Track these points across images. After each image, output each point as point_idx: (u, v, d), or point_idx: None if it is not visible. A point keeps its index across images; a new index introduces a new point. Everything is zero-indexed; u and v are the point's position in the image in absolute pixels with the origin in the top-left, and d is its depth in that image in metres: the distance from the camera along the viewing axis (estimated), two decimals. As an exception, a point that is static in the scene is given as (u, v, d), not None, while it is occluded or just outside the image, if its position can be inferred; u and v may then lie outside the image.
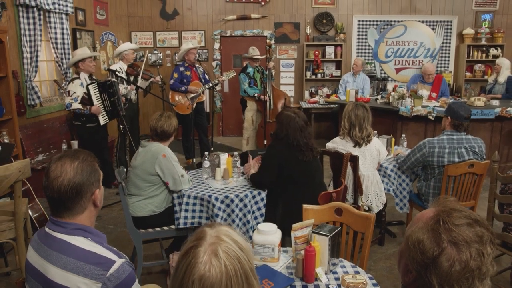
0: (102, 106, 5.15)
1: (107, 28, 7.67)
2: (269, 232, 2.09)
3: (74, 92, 4.98)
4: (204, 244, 1.07)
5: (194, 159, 6.50)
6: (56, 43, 5.88)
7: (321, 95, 8.12)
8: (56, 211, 1.57)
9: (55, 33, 5.83)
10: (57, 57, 5.95)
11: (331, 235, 2.01)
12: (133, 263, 3.51)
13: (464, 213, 1.10)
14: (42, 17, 5.49)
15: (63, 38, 6.00)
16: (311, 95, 8.61)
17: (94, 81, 5.18)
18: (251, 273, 1.08)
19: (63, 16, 5.98)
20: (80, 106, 4.99)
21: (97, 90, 5.10)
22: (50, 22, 5.73)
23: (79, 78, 5.08)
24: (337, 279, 2.00)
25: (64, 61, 6.04)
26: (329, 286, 1.94)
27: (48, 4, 5.52)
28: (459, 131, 3.57)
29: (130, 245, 3.82)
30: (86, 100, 5.06)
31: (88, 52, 5.27)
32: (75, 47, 6.44)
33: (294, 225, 2.06)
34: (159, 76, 6.74)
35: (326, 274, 2.02)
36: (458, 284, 1.05)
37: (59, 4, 5.80)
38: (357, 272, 2.06)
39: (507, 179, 2.91)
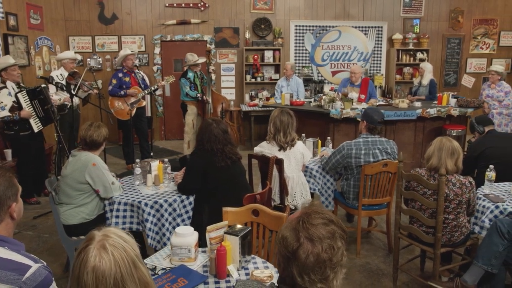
0: (34, 113, 5.07)
1: (42, 33, 7.51)
2: (186, 235, 2.27)
3: (1, 102, 4.83)
4: (93, 242, 1.27)
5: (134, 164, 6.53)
6: (-14, 50, 5.74)
7: (261, 98, 8.37)
8: (-27, 223, 1.67)
9: (-15, 40, 5.69)
10: (-13, 64, 5.78)
11: (241, 235, 2.22)
12: (68, 271, 3.58)
13: (321, 214, 1.34)
14: (-31, 23, 5.34)
15: (-7, 45, 5.86)
16: (252, 98, 8.84)
17: (22, 89, 5.08)
18: (137, 259, 1.31)
19: (-7, 22, 5.85)
20: (8, 113, 4.84)
21: (27, 97, 5.02)
22: (-22, 28, 5.58)
23: (6, 87, 4.94)
24: (247, 274, 2.21)
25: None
26: (239, 281, 2.15)
27: (-25, 10, 5.39)
28: (373, 134, 3.92)
29: (65, 253, 3.86)
30: (16, 108, 4.94)
31: (11, 60, 5.05)
32: (7, 53, 6.28)
33: (209, 227, 2.25)
34: (96, 88, 6.65)
35: (238, 270, 2.22)
36: (313, 273, 1.28)
37: (-12, 10, 5.67)
38: (267, 267, 2.28)
39: (409, 177, 3.25)
